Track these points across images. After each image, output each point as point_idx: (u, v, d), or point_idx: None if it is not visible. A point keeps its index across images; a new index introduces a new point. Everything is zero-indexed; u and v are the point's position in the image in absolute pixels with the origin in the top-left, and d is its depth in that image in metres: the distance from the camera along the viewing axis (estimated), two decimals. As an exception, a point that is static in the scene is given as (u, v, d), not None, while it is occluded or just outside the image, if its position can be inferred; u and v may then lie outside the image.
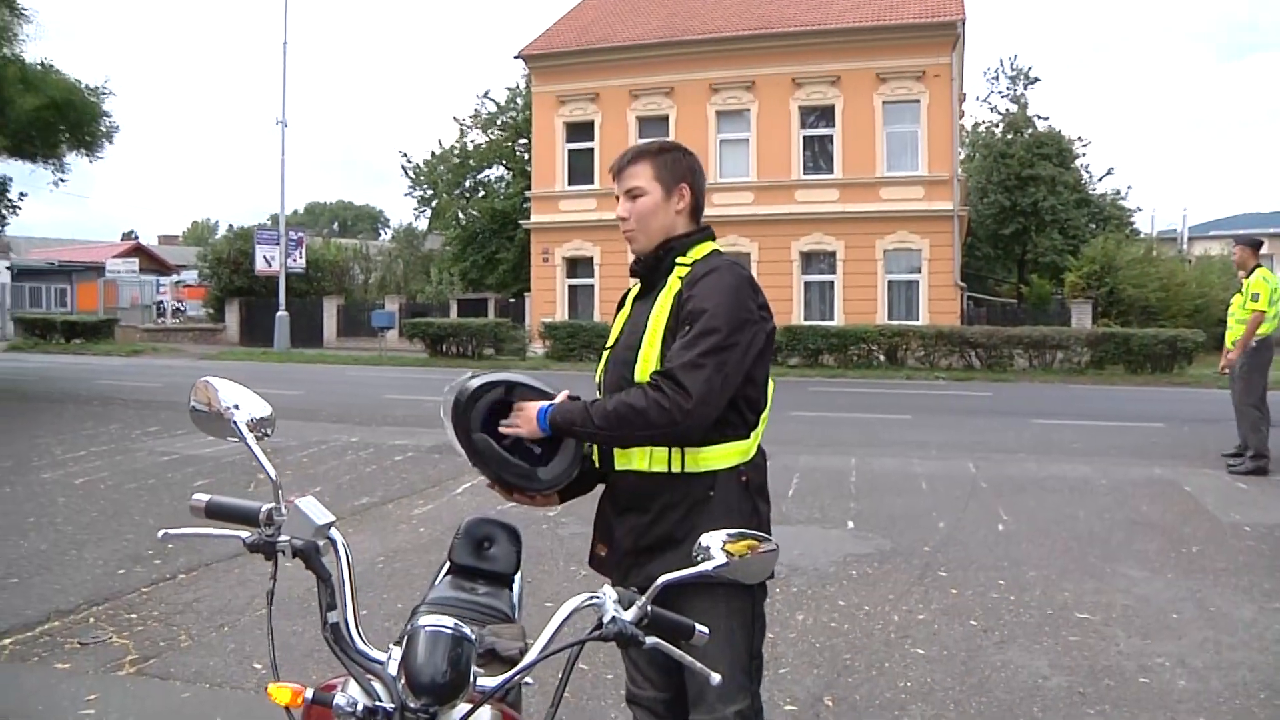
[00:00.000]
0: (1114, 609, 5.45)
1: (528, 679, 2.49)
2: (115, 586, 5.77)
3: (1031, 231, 36.31)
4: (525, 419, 2.35)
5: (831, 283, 28.37)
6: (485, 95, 41.42)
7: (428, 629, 1.58)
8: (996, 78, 40.86)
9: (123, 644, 4.84)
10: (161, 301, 44.02)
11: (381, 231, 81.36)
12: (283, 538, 1.78)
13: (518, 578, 2.80)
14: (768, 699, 4.11)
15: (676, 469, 2.37)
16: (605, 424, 2.28)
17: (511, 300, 33.90)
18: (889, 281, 27.87)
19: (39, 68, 17.76)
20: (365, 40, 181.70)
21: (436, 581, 2.75)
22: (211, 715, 3.95)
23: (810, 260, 28.70)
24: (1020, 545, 6.87)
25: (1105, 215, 38.50)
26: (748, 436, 2.44)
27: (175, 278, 47.53)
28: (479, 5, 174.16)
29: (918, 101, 27.36)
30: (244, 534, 1.80)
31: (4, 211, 19.56)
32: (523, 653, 1.76)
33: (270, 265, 33.42)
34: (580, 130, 30.60)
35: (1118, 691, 4.27)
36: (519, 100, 39.28)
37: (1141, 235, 38.57)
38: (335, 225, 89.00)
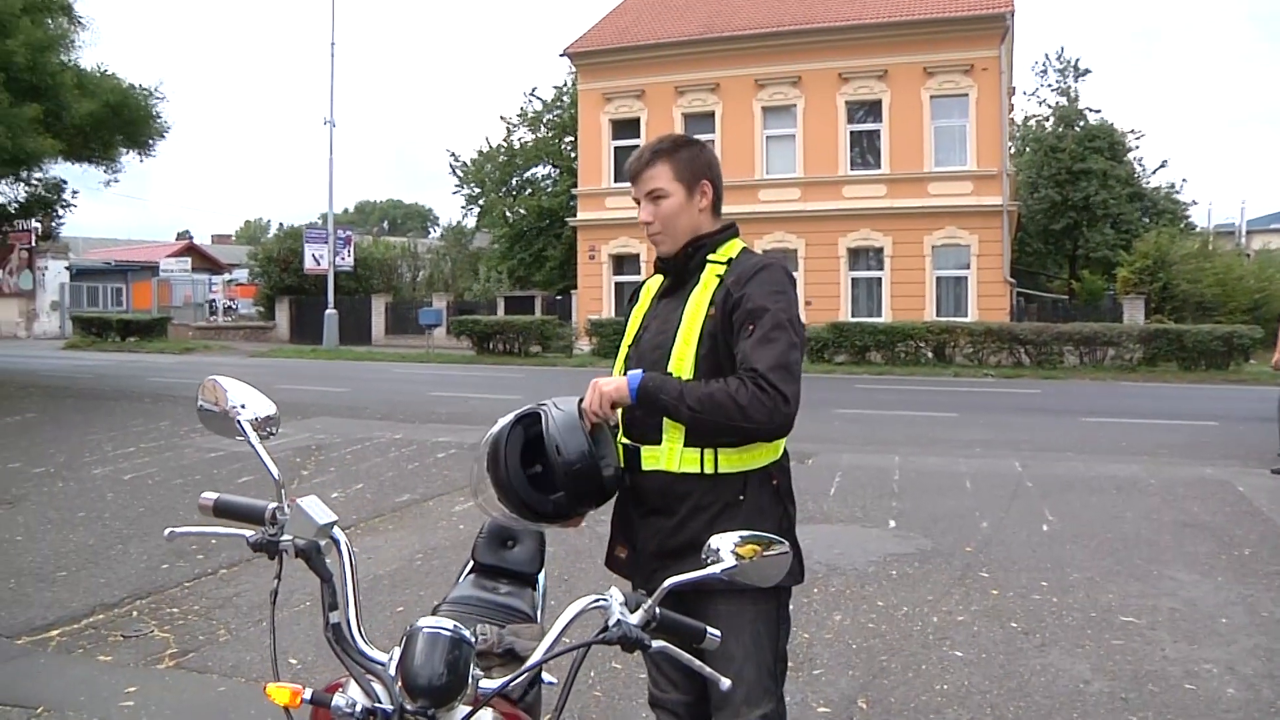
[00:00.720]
0: (1160, 613, 5.33)
1: (549, 678, 2.48)
2: (158, 581, 5.86)
3: (1083, 226, 35.70)
4: (607, 390, 2.29)
5: (879, 279, 28.13)
6: (532, 93, 41.64)
7: (426, 631, 1.56)
8: (1045, 71, 40.22)
9: (164, 637, 4.92)
10: (213, 300, 44.70)
11: (431, 230, 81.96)
12: (285, 537, 1.77)
13: (541, 577, 2.78)
14: (800, 700, 4.09)
15: (709, 470, 2.31)
16: (699, 406, 2.21)
17: (558, 297, 34.00)
18: (937, 277, 27.57)
19: (95, 73, 18.15)
20: (415, 40, 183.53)
21: (459, 580, 2.74)
22: (246, 710, 3.98)
23: (857, 256, 28.47)
24: (1064, 546, 6.74)
25: (1159, 209, 37.76)
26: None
27: (227, 276, 48.26)
28: (527, 3, 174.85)
29: (966, 95, 27.01)
30: (249, 533, 1.79)
31: (59, 211, 19.98)
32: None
33: (319, 264, 33.80)
34: (626, 127, 30.58)
35: (1162, 698, 4.16)
36: (565, 98, 39.39)
37: (1197, 229, 37.81)
38: (385, 224, 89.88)
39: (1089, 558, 6.45)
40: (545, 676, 2.47)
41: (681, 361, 2.32)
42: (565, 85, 39.44)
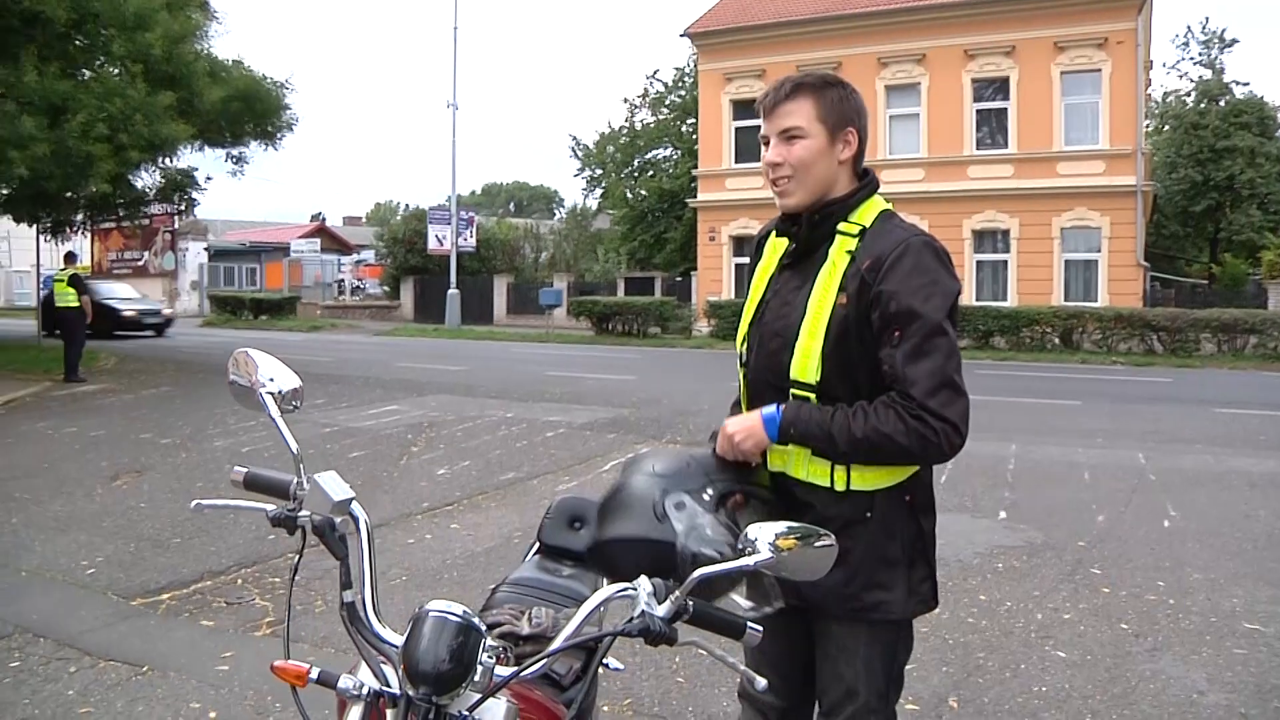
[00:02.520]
0: (1289, 620, 4.99)
1: (615, 663, 2.42)
2: (264, 551, 6.04)
3: (1226, 207, 33.82)
4: (741, 441, 2.08)
5: (1005, 262, 27.27)
6: (654, 75, 41.61)
7: (433, 614, 1.51)
8: (1187, 43, 38.15)
9: (264, 605, 5.07)
10: (342, 280, 46.08)
11: (556, 211, 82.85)
12: (303, 513, 1.75)
13: None
14: (888, 697, 3.95)
15: (839, 486, 2.09)
16: (852, 450, 2.00)
17: (678, 279, 34.01)
18: (1066, 261, 26.56)
19: (229, 63, 18.87)
20: (541, 22, 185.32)
21: (524, 560, 2.70)
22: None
23: (982, 239, 27.64)
24: (1186, 544, 6.38)
25: (1313, 189, 35.51)
26: None
27: (355, 257, 49.68)
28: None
29: (1099, 71, 25.85)
30: (269, 508, 1.78)
31: (193, 196, 20.85)
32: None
33: (442, 244, 34.56)
34: (747, 107, 30.21)
35: (1285, 713, 3.88)
36: (687, 79, 39.27)
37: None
38: (511, 205, 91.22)
39: (1213, 558, 6.09)
40: (611, 661, 2.41)
41: (807, 359, 2.08)
42: (687, 66, 39.32)
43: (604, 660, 2.35)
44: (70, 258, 16.72)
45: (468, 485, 8.06)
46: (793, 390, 2.11)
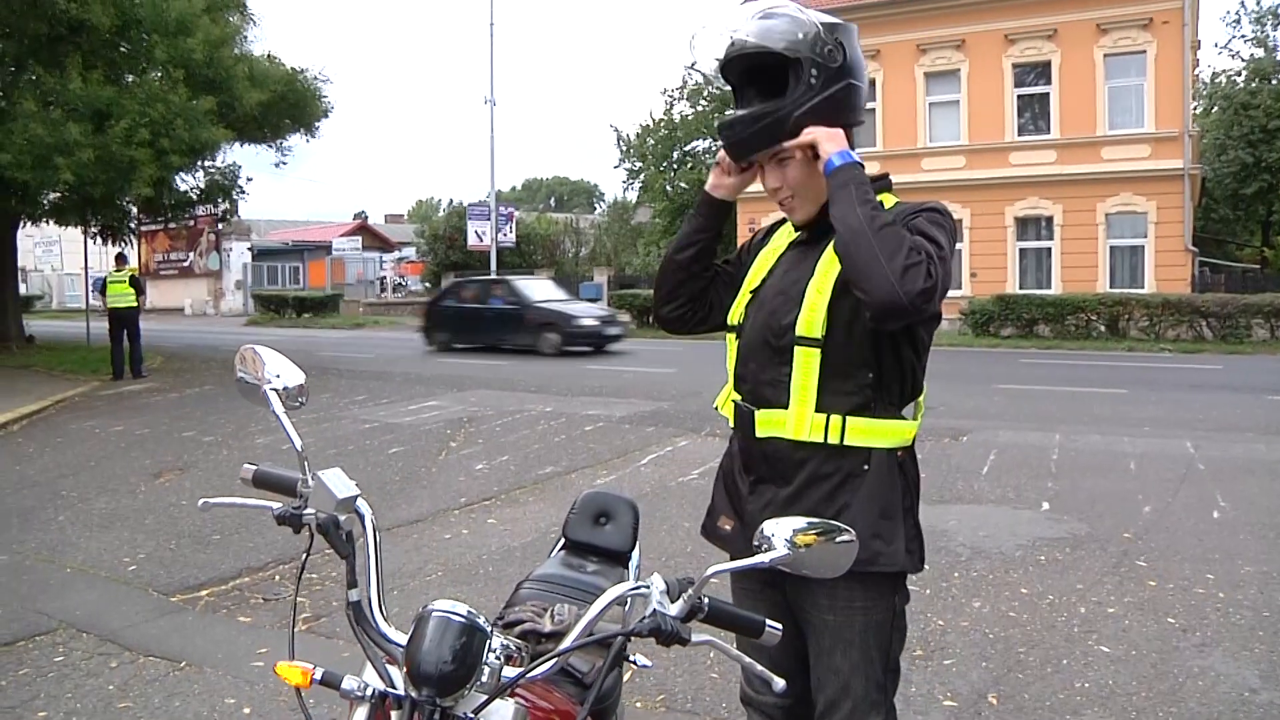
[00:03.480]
0: (1346, 614, 4.83)
1: (643, 660, 2.39)
2: (302, 547, 6.05)
3: (1279, 190, 33.08)
4: (825, 134, 2.03)
5: (1048, 249, 26.87)
6: (692, 66, 41.38)
7: (436, 614, 1.48)
8: (1238, 21, 37.32)
9: (300, 601, 5.08)
10: (384, 277, 46.47)
11: (597, 205, 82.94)
12: (308, 510, 1.73)
13: (635, 554, 2.69)
14: (926, 692, 3.90)
15: (834, 440, 2.06)
16: (870, 220, 1.91)
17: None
18: (1111, 247, 26.10)
19: (265, 60, 19.07)
20: (577, 15, 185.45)
21: (549, 556, 2.67)
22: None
23: (1025, 226, 27.25)
24: (1237, 536, 6.21)
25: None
26: (913, 418, 2.14)
27: (397, 254, 50.09)
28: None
29: (1144, 52, 25.36)
30: (275, 506, 1.77)
31: (236, 196, 21.11)
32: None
33: (481, 240, 34.69)
34: (782, 97, 30.05)
35: (1340, 710, 3.76)
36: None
37: None
38: (551, 200, 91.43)
39: (1266, 550, 5.92)
40: (639, 659, 2.37)
41: (814, 313, 2.04)
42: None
43: (631, 658, 2.32)
44: (122, 259, 17.02)
45: (505, 480, 8.07)
46: (796, 346, 2.07)
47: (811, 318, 2.05)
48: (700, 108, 40.97)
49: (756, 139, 2.11)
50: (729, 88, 2.20)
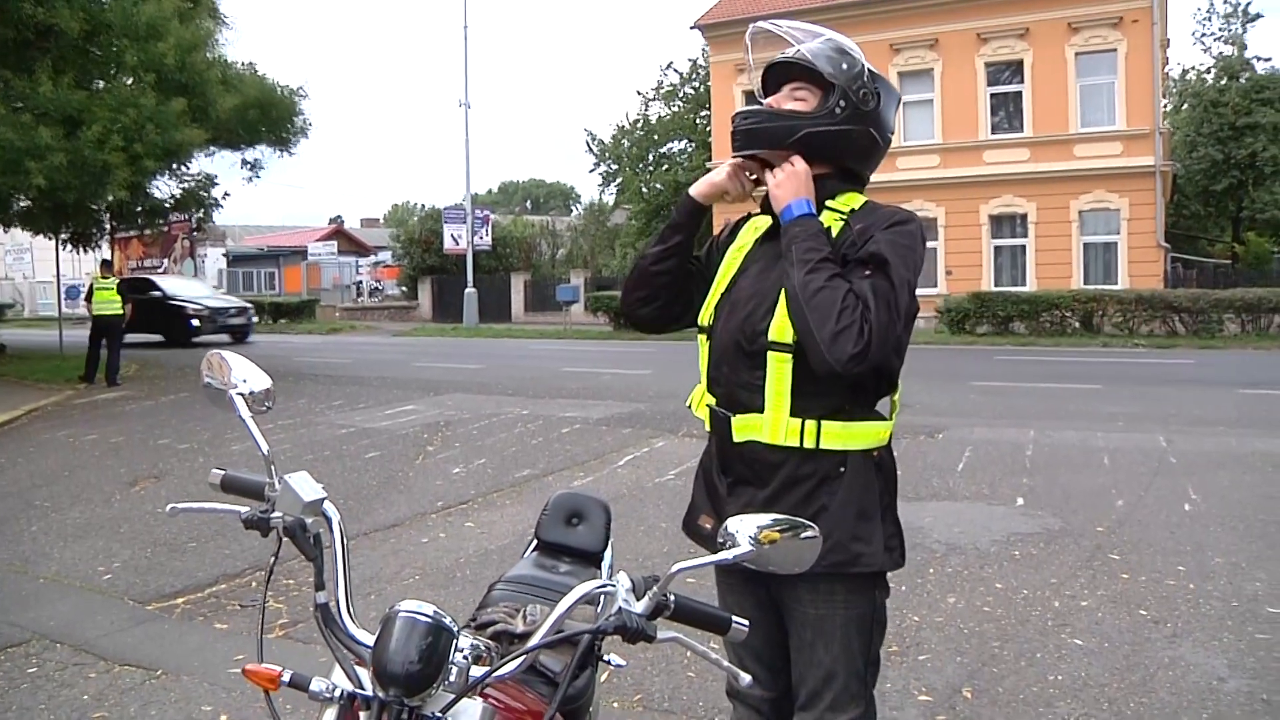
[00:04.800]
0: (1315, 603, 4.90)
1: (617, 660, 2.40)
2: (280, 553, 6.04)
3: (1248, 186, 33.42)
4: (789, 178, 2.10)
5: (1023, 247, 27.08)
6: (668, 67, 41.49)
7: (403, 615, 1.48)
8: (1209, 18, 37.77)
9: (277, 607, 5.07)
10: (360, 281, 46.29)
11: (574, 207, 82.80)
12: (275, 514, 1.74)
13: (607, 554, 2.70)
14: (902, 687, 3.93)
15: (810, 444, 2.07)
16: (806, 296, 1.97)
17: (695, 272, 33.89)
18: (1085, 244, 26.36)
19: (241, 68, 18.97)
20: (552, 17, 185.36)
21: (521, 558, 2.68)
22: (345, 683, 4.07)
23: (1000, 223, 27.46)
24: (1208, 528, 6.29)
25: (1338, 165, 35.02)
26: (888, 417, 2.17)
27: (373, 259, 49.89)
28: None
29: (1114, 50, 25.61)
30: (243, 510, 1.77)
31: (209, 205, 20.99)
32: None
33: (458, 244, 34.65)
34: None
35: (1310, 699, 3.80)
36: (700, 71, 39.20)
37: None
38: (528, 203, 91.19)
39: (1235, 541, 6.00)
40: (612, 658, 2.38)
41: (788, 319, 2.05)
42: (699, 58, 39.24)
43: (605, 657, 2.34)
44: (108, 266, 16.94)
45: (483, 483, 8.06)
46: (769, 352, 2.08)
47: (785, 323, 2.06)
48: (675, 108, 40.99)
49: (764, 135, 2.18)
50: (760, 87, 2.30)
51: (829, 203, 2.16)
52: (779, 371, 2.07)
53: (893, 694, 3.87)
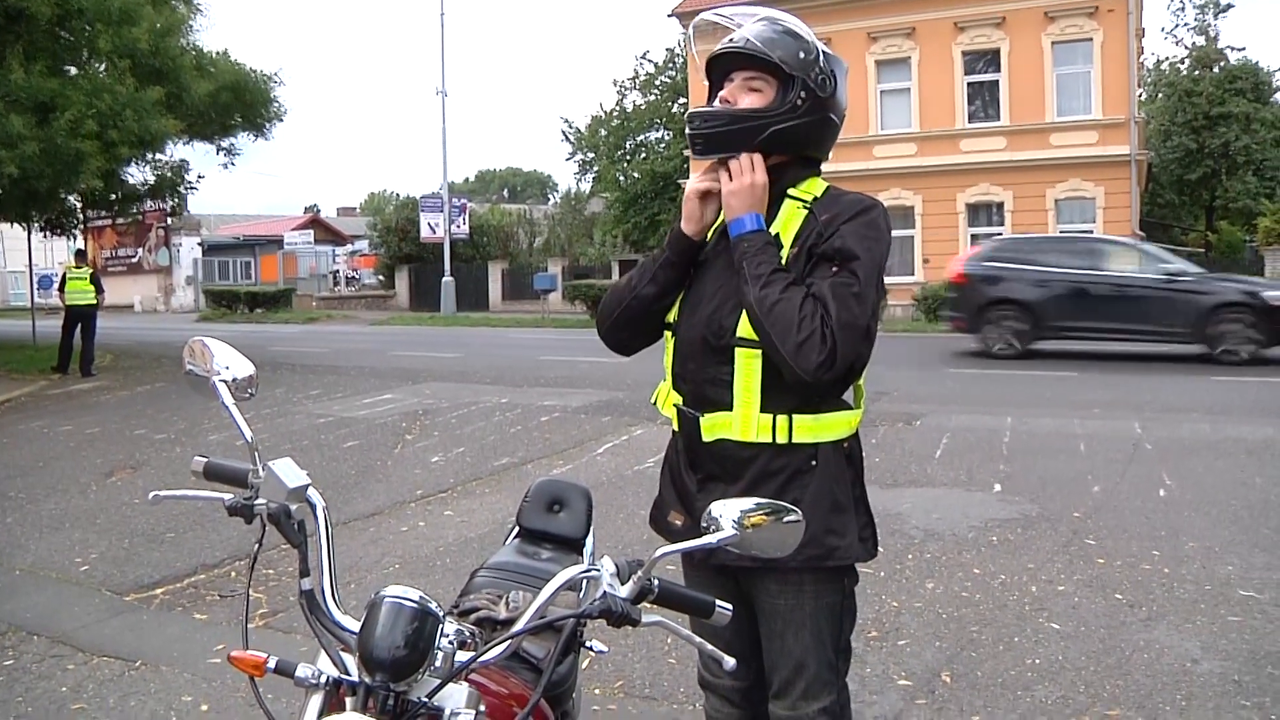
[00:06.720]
0: (1285, 587, 4.96)
1: (600, 646, 2.41)
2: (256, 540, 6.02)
3: (1221, 175, 33.68)
4: (740, 188, 2.06)
5: (999, 235, 27.15)
6: (644, 56, 41.43)
7: (389, 600, 1.49)
8: (1183, 8, 37.87)
9: (257, 597, 5.05)
10: (337, 270, 46.01)
11: (551, 196, 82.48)
12: (259, 501, 1.74)
13: (589, 541, 2.71)
14: (881, 672, 3.96)
15: (782, 440, 2.06)
16: (764, 296, 1.96)
17: (673, 260, 33.88)
18: (1061, 232, 26.45)
19: (215, 55, 18.79)
20: (529, 5, 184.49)
21: (503, 545, 2.68)
22: (326, 672, 4.06)
23: (977, 212, 27.56)
24: (1182, 513, 6.37)
25: (1309, 155, 35.35)
26: (856, 405, 2.18)
27: (350, 248, 49.58)
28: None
29: (1090, 40, 25.72)
30: (227, 497, 1.77)
31: (184, 191, 20.81)
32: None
33: (435, 232, 34.48)
34: (735, 87, 30.10)
35: (1281, 681, 3.86)
36: (677, 59, 39.12)
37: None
38: (505, 191, 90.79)
39: (1209, 526, 6.08)
40: (595, 644, 2.40)
41: None
42: (677, 46, 39.18)
43: (587, 644, 2.35)
44: (81, 255, 16.78)
45: (462, 472, 8.05)
46: (737, 348, 2.07)
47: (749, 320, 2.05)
48: (652, 97, 40.93)
49: (729, 140, 2.10)
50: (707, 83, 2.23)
51: (791, 191, 2.13)
52: (748, 368, 2.06)
53: (872, 679, 3.91)
